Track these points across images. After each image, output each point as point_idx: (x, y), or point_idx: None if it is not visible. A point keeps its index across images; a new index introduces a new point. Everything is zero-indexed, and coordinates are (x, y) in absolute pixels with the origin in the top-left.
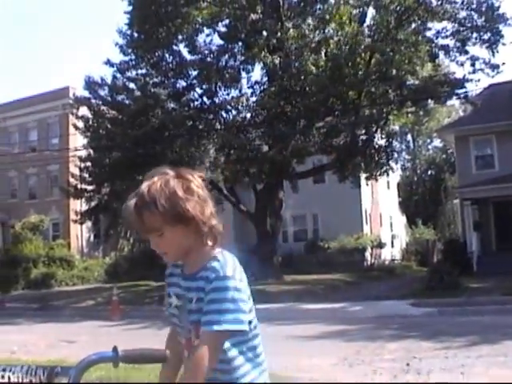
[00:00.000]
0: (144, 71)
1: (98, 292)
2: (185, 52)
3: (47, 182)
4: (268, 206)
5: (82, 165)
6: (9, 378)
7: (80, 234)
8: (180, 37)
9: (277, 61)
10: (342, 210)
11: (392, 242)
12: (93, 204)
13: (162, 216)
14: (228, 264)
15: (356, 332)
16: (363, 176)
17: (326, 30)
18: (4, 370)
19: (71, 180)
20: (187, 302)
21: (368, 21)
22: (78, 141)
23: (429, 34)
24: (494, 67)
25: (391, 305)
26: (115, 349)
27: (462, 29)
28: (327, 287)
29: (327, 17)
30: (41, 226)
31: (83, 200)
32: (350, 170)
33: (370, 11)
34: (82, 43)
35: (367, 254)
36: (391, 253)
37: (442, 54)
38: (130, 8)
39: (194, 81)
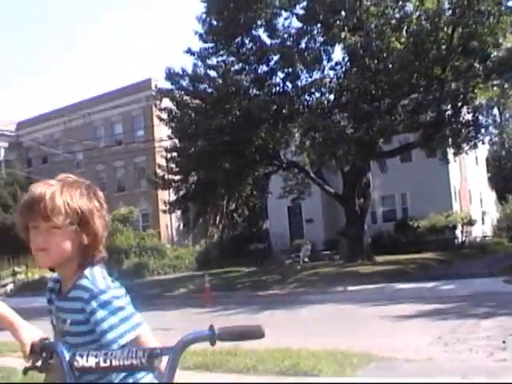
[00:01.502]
0: (224, 58)
1: (189, 280)
2: (264, 37)
3: (135, 174)
4: (356, 187)
5: (168, 155)
6: (111, 361)
7: (169, 223)
8: (259, 22)
9: (357, 40)
10: (430, 187)
11: (482, 219)
12: (181, 193)
13: (69, 207)
14: (96, 278)
15: (450, 310)
16: (451, 152)
17: (406, 7)
18: (106, 355)
19: (158, 171)
20: (60, 323)
21: None
22: (162, 131)
23: (511, 3)
24: None
25: (484, 282)
26: (211, 327)
27: None
28: (419, 266)
29: None
30: (131, 218)
31: (171, 190)
32: (437, 144)
33: None
34: (162, 34)
35: (458, 232)
36: (482, 230)
37: None
38: None
39: (276, 65)
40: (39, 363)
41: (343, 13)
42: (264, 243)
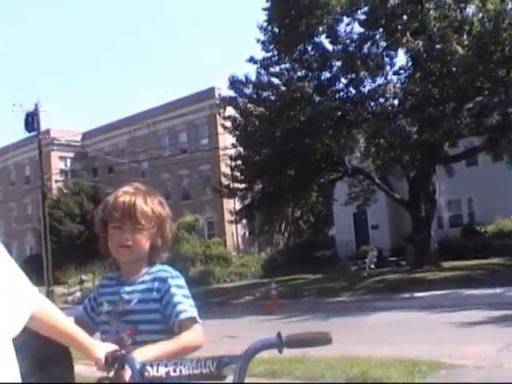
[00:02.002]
0: (287, 66)
1: (255, 287)
2: (326, 43)
3: (200, 182)
4: (422, 192)
5: (233, 163)
6: (180, 371)
7: (235, 231)
8: (320, 28)
9: (420, 44)
10: (497, 191)
11: None
12: (246, 202)
13: (154, 213)
14: (171, 269)
15: None
16: None
17: (468, 9)
18: (175, 364)
19: (223, 179)
20: (123, 304)
21: None
22: (227, 140)
23: None
24: None
25: None
26: (279, 335)
27: None
28: (487, 272)
29: None
30: (196, 226)
31: (236, 198)
32: (503, 149)
33: None
34: (224, 42)
35: None
36: None
37: None
38: (268, 4)
39: (338, 71)
40: (111, 374)
41: (405, 17)
42: (330, 250)
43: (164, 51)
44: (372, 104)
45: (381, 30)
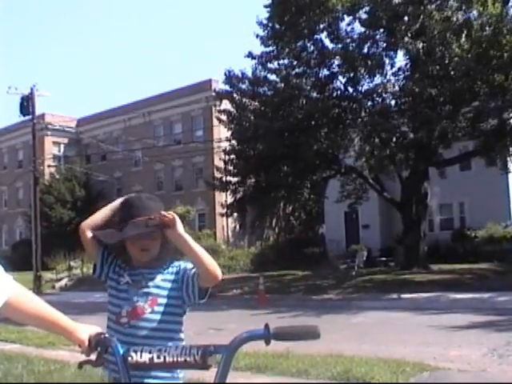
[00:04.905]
0: (286, 62)
1: (244, 281)
2: (327, 41)
3: (192, 174)
4: (414, 194)
5: (227, 157)
6: (164, 358)
7: (226, 224)
8: (321, 26)
9: (420, 46)
10: (489, 197)
11: None
12: (238, 196)
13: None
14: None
15: (506, 322)
16: None
17: (469, 12)
18: (160, 351)
19: (216, 173)
20: (145, 280)
21: None
22: (222, 132)
23: None
24: None
25: None
26: (267, 326)
27: None
28: (475, 277)
29: None
30: (187, 217)
31: (228, 192)
32: (497, 153)
33: None
34: (223, 34)
35: None
36: None
37: None
38: (270, 1)
39: (337, 69)
40: (93, 357)
41: (406, 18)
42: (319, 247)
43: (163, 41)
44: (369, 103)
45: (381, 30)
